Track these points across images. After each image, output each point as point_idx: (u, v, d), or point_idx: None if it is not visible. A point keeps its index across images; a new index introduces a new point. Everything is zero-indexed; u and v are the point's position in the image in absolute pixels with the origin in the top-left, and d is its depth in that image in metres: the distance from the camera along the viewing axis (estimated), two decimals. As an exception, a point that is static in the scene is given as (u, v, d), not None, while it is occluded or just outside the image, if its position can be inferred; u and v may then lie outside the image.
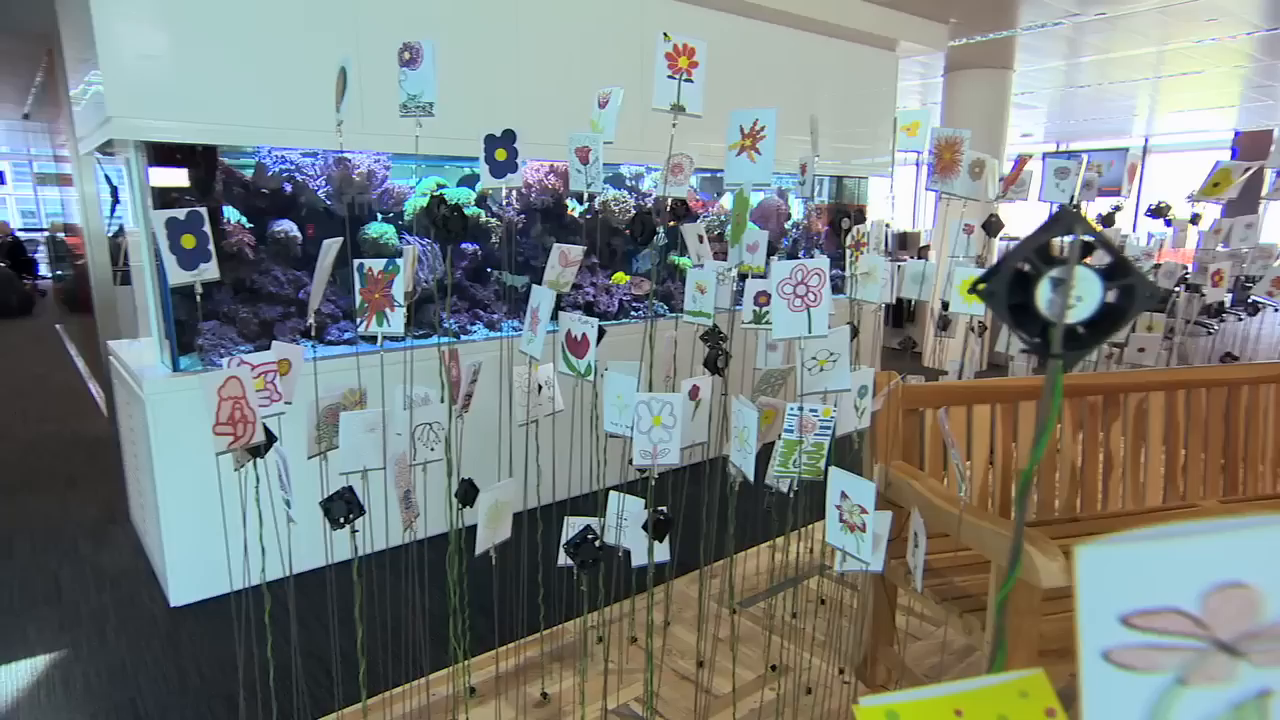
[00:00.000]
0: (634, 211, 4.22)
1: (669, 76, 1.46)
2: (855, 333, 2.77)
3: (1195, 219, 3.52)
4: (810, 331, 1.35)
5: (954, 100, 6.37)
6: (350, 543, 1.63)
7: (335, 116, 1.65)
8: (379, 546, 2.41)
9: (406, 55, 1.60)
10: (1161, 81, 8.79)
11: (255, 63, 2.85)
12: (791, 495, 1.91)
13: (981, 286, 0.44)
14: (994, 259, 4.76)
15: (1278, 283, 2.64)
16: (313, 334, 3.19)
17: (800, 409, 1.45)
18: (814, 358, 1.49)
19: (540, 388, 2.19)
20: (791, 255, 4.50)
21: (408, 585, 2.88)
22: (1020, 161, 2.44)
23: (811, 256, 1.44)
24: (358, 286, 1.60)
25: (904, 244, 8.83)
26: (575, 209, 4.18)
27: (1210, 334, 4.72)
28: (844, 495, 1.30)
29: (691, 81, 1.48)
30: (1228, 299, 3.55)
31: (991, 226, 2.66)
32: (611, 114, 1.92)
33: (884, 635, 2.28)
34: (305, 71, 2.92)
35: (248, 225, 3.18)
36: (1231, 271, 3.24)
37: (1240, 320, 4.37)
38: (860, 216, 2.87)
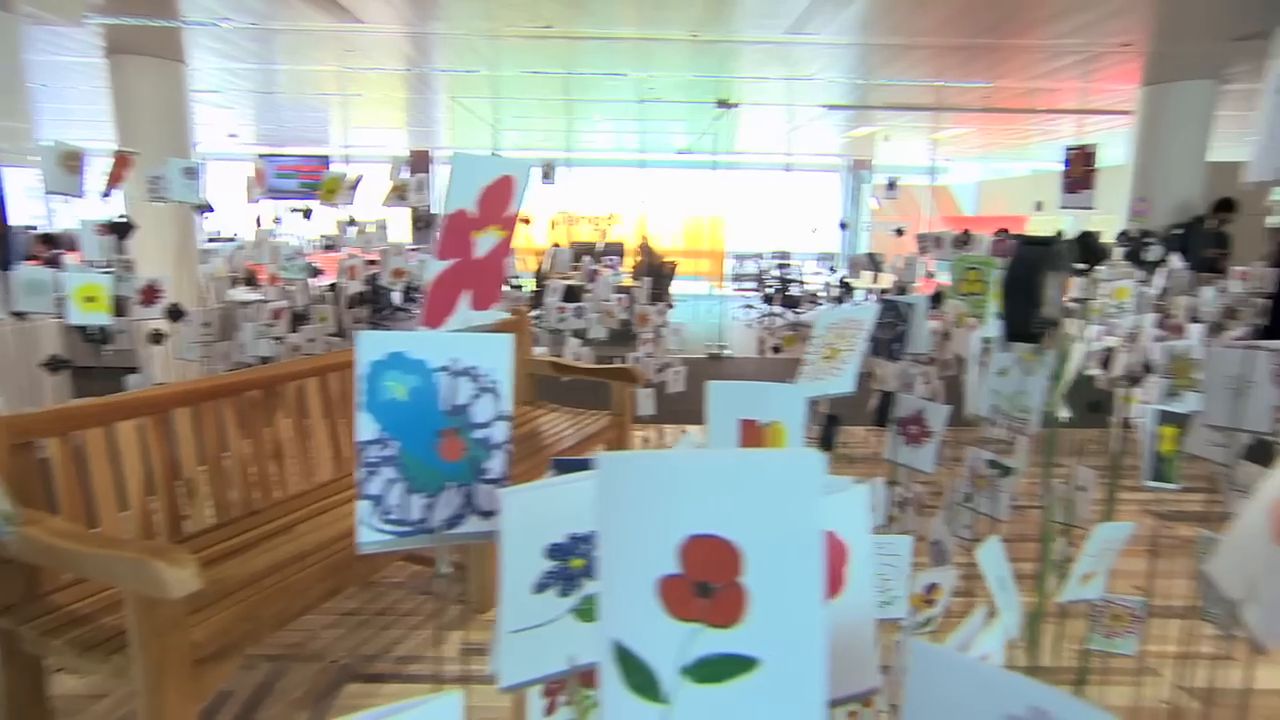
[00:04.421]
0: None
1: None
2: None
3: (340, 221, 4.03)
4: None
5: (122, 86, 5.78)
6: None
7: None
8: None
9: None
10: (348, 99, 9.89)
11: None
12: None
13: None
14: (191, 261, 4.51)
15: (396, 273, 3.27)
16: None
17: None
18: None
19: None
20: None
21: None
22: (119, 159, 2.30)
23: None
24: None
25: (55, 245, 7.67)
26: None
27: (412, 318, 5.58)
28: None
29: None
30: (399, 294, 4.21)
31: (121, 229, 2.46)
32: None
33: (31, 714, 1.92)
34: None
35: None
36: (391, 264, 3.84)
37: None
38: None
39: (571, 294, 4.63)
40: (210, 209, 2.67)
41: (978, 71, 7.11)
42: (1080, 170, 2.12)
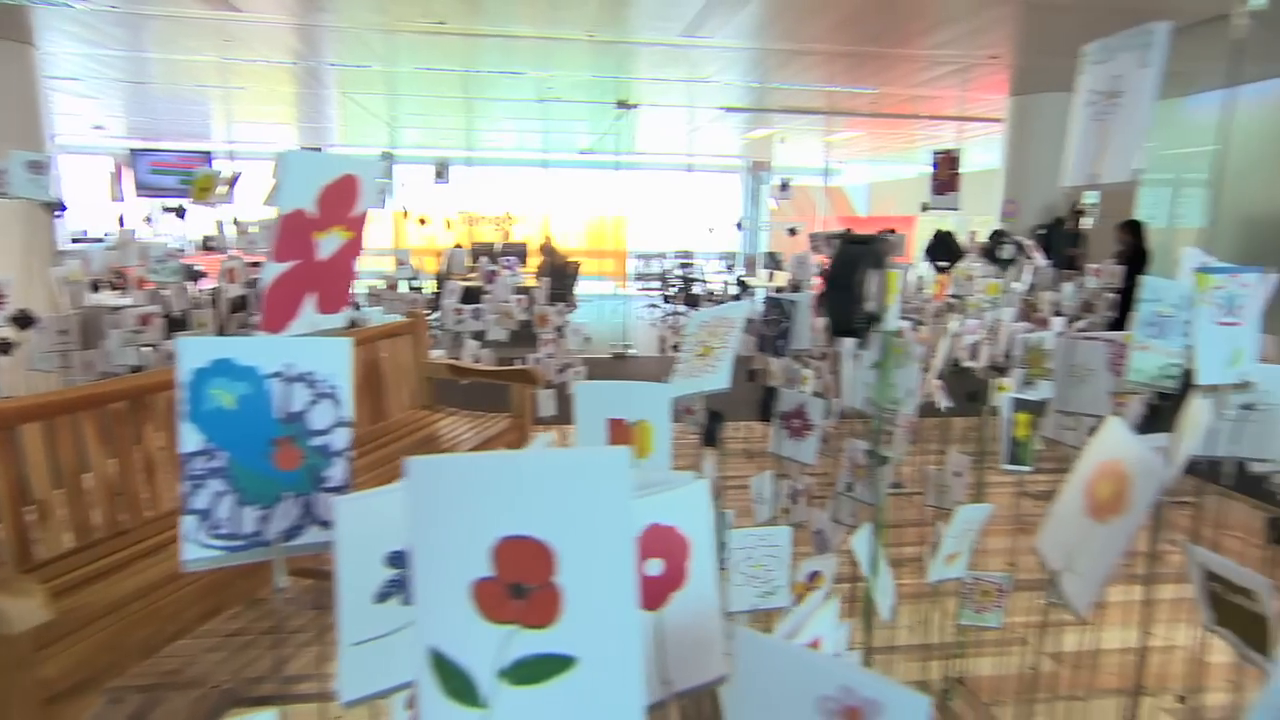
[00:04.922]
0: None
1: None
2: None
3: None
4: None
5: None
6: None
7: None
8: None
9: None
10: (230, 92, 9.34)
11: None
12: None
13: None
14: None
15: (230, 275, 3.08)
16: None
17: None
18: None
19: None
20: None
21: None
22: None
23: None
24: None
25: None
26: None
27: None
28: None
29: None
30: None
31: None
32: None
33: None
34: None
35: None
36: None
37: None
38: None
39: (470, 295, 4.55)
40: (63, 207, 2.46)
41: (865, 78, 7.43)
42: (946, 173, 2.26)
